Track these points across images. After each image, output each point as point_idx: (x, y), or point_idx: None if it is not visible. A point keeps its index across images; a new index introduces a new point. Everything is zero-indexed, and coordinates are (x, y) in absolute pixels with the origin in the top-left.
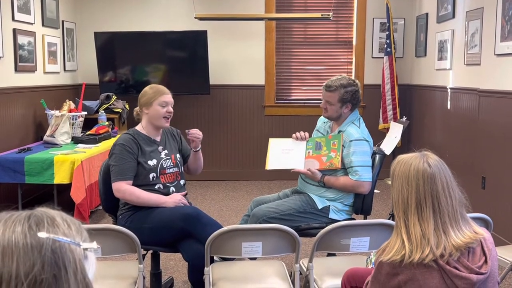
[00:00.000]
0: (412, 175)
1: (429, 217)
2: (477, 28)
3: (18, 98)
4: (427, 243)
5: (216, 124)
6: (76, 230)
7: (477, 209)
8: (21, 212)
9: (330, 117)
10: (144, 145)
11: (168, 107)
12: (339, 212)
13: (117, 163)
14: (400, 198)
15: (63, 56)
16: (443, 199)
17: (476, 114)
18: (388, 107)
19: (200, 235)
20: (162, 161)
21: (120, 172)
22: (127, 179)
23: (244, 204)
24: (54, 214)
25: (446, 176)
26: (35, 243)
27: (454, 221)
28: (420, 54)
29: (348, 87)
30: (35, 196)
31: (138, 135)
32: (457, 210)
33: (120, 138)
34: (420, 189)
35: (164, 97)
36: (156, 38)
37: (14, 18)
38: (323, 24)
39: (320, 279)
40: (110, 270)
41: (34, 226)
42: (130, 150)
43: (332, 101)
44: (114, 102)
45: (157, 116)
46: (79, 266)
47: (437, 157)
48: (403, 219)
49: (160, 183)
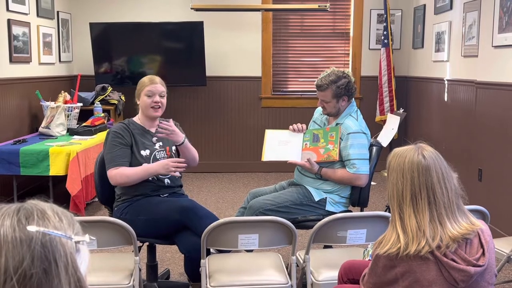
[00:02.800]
0: (407, 167)
1: (425, 209)
2: (475, 19)
3: (13, 89)
4: (422, 235)
5: (212, 116)
6: (67, 222)
7: (474, 201)
8: (10, 205)
9: (330, 113)
10: (137, 135)
11: (155, 97)
12: (336, 204)
13: (109, 150)
14: (395, 191)
15: (58, 47)
16: (438, 191)
17: (473, 106)
18: (385, 99)
19: (196, 228)
20: (156, 152)
21: (112, 159)
22: (118, 165)
23: (240, 196)
24: (45, 206)
25: (441, 167)
26: (24, 237)
27: (450, 212)
28: (417, 45)
29: (338, 81)
30: (30, 188)
31: (133, 125)
32: (453, 201)
33: (113, 126)
34: (415, 181)
35: (150, 87)
36: (152, 29)
37: (8, 8)
38: (320, 15)
39: (316, 271)
40: (106, 262)
41: (24, 220)
42: (122, 137)
43: (326, 99)
44: (110, 93)
45: (144, 107)
46: (70, 259)
47: (433, 149)
48: (398, 212)
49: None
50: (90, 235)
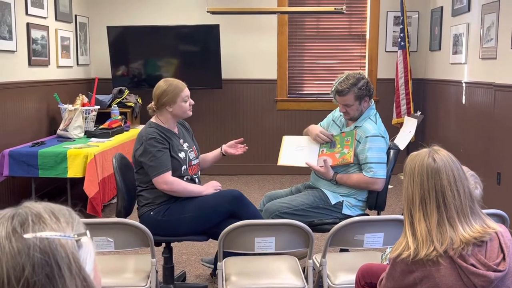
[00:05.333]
0: (417, 171)
1: (433, 212)
2: (493, 21)
3: (32, 92)
4: (431, 239)
5: (228, 118)
6: (65, 221)
7: (493, 205)
8: (3, 211)
9: (353, 117)
10: (170, 138)
11: (190, 100)
12: (353, 207)
13: (157, 156)
14: (406, 195)
15: (76, 50)
16: (448, 193)
17: (492, 109)
18: (402, 102)
19: (246, 214)
20: (188, 153)
21: (161, 164)
22: (169, 170)
23: (256, 198)
24: (39, 209)
25: (453, 170)
26: (21, 246)
27: (463, 215)
28: (434, 48)
29: (358, 83)
30: (49, 190)
31: (162, 128)
32: (466, 204)
33: (147, 132)
34: (424, 184)
35: (185, 92)
36: (168, 32)
37: (27, 12)
38: (336, 17)
39: (333, 274)
40: (123, 264)
41: (19, 228)
42: (162, 142)
43: (349, 102)
44: (127, 96)
45: (182, 111)
46: (73, 259)
47: (446, 152)
48: (409, 216)
49: (188, 174)
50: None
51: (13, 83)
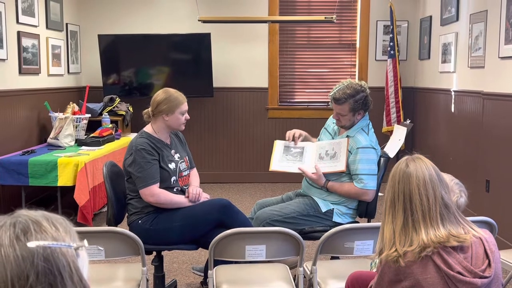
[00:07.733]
0: (391, 176)
1: (400, 214)
2: (481, 31)
3: (22, 100)
4: (394, 241)
5: (219, 126)
6: (64, 230)
7: (482, 212)
8: (2, 218)
9: (344, 126)
10: (161, 149)
11: (186, 115)
12: (343, 215)
13: (145, 167)
14: (384, 200)
15: (67, 59)
16: (416, 197)
17: (480, 117)
18: (392, 110)
19: (235, 223)
20: (179, 164)
21: (149, 176)
22: (156, 182)
23: (247, 206)
24: (38, 217)
25: (425, 175)
26: (26, 254)
27: (429, 220)
28: (423, 56)
29: (356, 95)
30: (39, 198)
31: (153, 139)
32: (435, 209)
33: (138, 143)
34: (395, 188)
35: (185, 106)
36: (159, 41)
37: (18, 20)
38: (326, 26)
39: (323, 282)
40: (114, 272)
41: (22, 236)
42: (152, 153)
43: (343, 112)
44: (118, 104)
45: (177, 124)
46: (74, 268)
47: (425, 160)
48: (383, 219)
49: (178, 186)
50: (98, 245)
51: (3, 92)
